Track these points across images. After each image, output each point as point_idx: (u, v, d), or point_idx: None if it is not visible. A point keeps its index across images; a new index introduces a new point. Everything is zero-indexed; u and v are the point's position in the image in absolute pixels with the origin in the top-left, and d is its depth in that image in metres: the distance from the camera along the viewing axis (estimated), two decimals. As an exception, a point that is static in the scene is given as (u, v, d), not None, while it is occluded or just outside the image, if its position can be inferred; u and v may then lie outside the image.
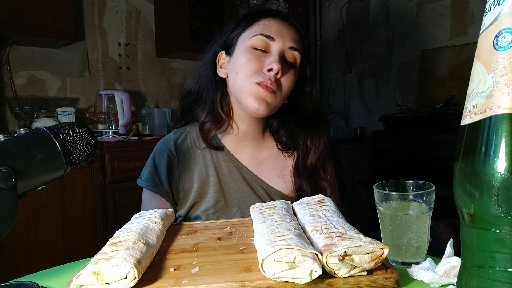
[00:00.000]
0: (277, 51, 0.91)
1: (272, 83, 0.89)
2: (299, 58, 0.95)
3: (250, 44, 0.92)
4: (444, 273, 0.56)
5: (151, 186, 0.97)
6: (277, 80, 0.90)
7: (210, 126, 0.98)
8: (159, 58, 2.97)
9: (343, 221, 0.62)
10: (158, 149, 1.02)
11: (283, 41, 0.92)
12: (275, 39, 0.92)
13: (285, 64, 0.92)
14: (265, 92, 0.89)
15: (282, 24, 0.95)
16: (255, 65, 0.90)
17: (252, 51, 0.92)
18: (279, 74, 0.90)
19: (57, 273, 0.68)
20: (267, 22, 0.94)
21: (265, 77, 0.89)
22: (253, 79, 0.90)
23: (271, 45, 0.92)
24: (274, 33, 0.92)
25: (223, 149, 0.99)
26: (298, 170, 0.99)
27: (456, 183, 0.41)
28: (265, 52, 0.92)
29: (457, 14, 3.02)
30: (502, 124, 0.37)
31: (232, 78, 0.94)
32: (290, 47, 0.93)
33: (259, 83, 0.89)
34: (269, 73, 0.89)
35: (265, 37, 0.92)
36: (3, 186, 0.51)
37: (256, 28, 0.94)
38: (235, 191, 0.97)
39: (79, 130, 0.62)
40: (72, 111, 2.37)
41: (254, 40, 0.92)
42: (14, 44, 2.36)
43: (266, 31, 0.92)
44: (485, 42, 0.39)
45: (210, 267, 0.57)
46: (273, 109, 0.94)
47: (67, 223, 2.06)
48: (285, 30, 0.94)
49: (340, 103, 3.85)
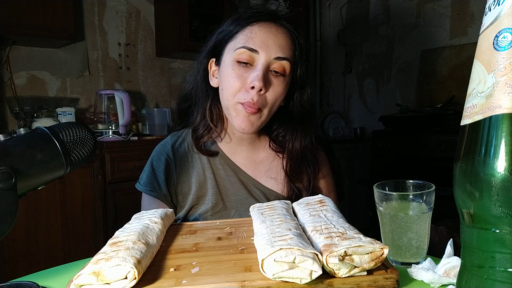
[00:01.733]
0: (261, 64, 0.87)
1: (255, 103, 0.86)
2: (288, 66, 0.90)
3: (234, 57, 0.88)
4: (444, 273, 0.56)
5: (149, 190, 0.97)
6: (262, 96, 0.87)
7: (202, 133, 0.98)
8: (159, 58, 2.97)
9: (343, 221, 0.63)
10: (156, 153, 1.01)
11: (267, 52, 0.87)
12: (259, 51, 0.87)
13: (273, 75, 0.89)
14: (248, 113, 0.87)
15: (268, 31, 0.89)
16: (238, 83, 0.87)
17: (235, 66, 0.88)
18: (263, 91, 0.87)
19: (57, 273, 0.68)
20: (251, 30, 0.89)
21: (247, 97, 0.86)
22: (237, 99, 0.88)
23: (255, 58, 0.87)
24: (257, 45, 0.87)
25: (217, 154, 0.99)
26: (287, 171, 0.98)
27: (456, 183, 0.41)
28: (250, 65, 0.88)
29: (457, 14, 3.02)
30: (502, 124, 0.37)
31: (221, 94, 0.93)
32: (276, 57, 0.88)
33: (242, 103, 0.87)
34: (252, 91, 0.86)
35: (248, 50, 0.87)
36: (3, 186, 0.51)
37: (241, 38, 0.89)
38: (233, 193, 0.97)
39: (79, 130, 0.62)
40: (72, 111, 2.37)
41: (238, 53, 0.88)
42: (14, 44, 2.36)
43: (250, 43, 0.87)
44: (485, 42, 0.39)
45: (210, 267, 0.57)
46: (260, 126, 0.92)
47: (67, 223, 2.06)
48: (270, 39, 0.88)
49: (340, 103, 3.85)
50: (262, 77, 0.86)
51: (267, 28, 0.89)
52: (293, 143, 0.98)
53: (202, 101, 0.98)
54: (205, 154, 0.98)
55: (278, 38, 0.89)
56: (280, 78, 0.90)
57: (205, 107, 0.97)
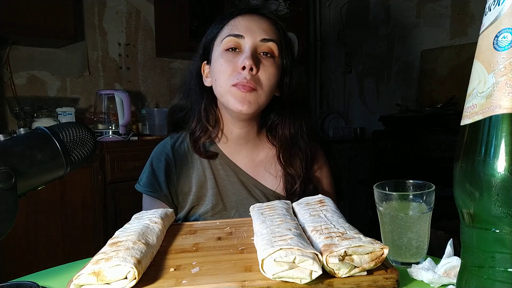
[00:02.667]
0: (249, 47, 0.90)
1: (249, 81, 0.88)
2: (275, 48, 0.92)
3: (222, 47, 0.92)
4: (444, 273, 0.56)
5: (150, 191, 0.97)
6: (254, 76, 0.89)
7: (199, 135, 0.98)
8: (159, 58, 2.97)
9: (343, 221, 0.63)
10: (155, 154, 1.01)
11: (252, 35, 0.90)
12: (244, 36, 0.90)
13: (262, 57, 0.91)
14: (244, 92, 0.88)
15: (250, 19, 0.93)
16: (229, 67, 0.89)
17: (224, 54, 0.91)
18: (254, 70, 0.88)
19: (57, 273, 0.68)
20: (235, 22, 0.93)
21: (239, 77, 0.88)
22: (230, 82, 0.89)
23: (242, 43, 0.90)
24: (242, 30, 0.91)
25: (217, 156, 0.99)
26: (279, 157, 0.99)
27: (456, 183, 0.41)
28: (238, 51, 0.91)
29: (457, 14, 3.02)
30: (502, 124, 0.37)
31: (214, 85, 0.94)
32: (262, 40, 0.91)
33: (235, 84, 0.88)
34: (244, 71, 0.88)
35: (234, 36, 0.90)
36: (3, 186, 0.51)
37: (226, 31, 0.93)
38: (233, 194, 0.97)
39: (79, 130, 0.62)
40: (72, 111, 2.37)
41: (225, 42, 0.91)
42: (14, 44, 2.36)
43: (234, 30, 0.91)
44: (485, 42, 0.39)
45: (210, 267, 0.57)
46: (260, 106, 0.92)
47: (67, 223, 2.06)
48: (254, 24, 0.92)
49: (340, 103, 3.85)
50: (251, 56, 0.88)
51: (250, 17, 0.94)
52: (283, 129, 0.99)
53: (197, 104, 0.99)
54: (204, 157, 0.98)
55: (261, 23, 0.93)
56: (270, 59, 0.92)
57: (200, 108, 0.99)
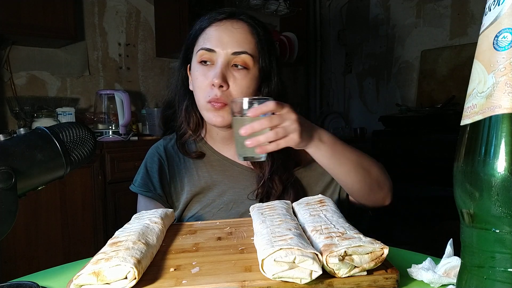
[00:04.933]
0: (220, 62, 0.89)
1: (220, 98, 0.88)
2: (249, 59, 0.91)
3: (197, 59, 0.93)
4: (444, 273, 0.56)
5: (144, 191, 0.99)
6: (225, 92, 0.89)
7: (185, 135, 1.00)
8: (159, 58, 2.97)
9: (343, 221, 0.63)
10: (149, 155, 1.04)
11: (224, 49, 0.90)
12: (215, 50, 0.90)
13: (235, 70, 0.90)
14: (217, 108, 0.90)
15: (223, 29, 0.92)
16: (203, 82, 0.91)
17: (199, 67, 0.92)
18: (224, 87, 0.89)
19: (57, 273, 0.68)
20: (209, 32, 0.92)
21: (211, 93, 0.89)
22: (205, 98, 0.91)
23: (214, 56, 0.90)
24: (213, 44, 0.90)
25: (204, 156, 1.00)
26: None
27: (456, 183, 0.41)
28: (211, 64, 0.91)
29: (457, 14, 3.02)
30: (502, 124, 0.37)
31: (195, 95, 0.96)
32: (233, 53, 0.90)
33: (209, 101, 0.90)
34: (214, 88, 0.89)
35: (206, 50, 0.91)
36: (3, 186, 0.51)
37: (200, 41, 0.93)
38: (229, 187, 0.98)
39: (79, 130, 0.62)
40: (72, 111, 2.37)
41: (199, 55, 0.92)
42: (14, 44, 2.36)
43: (207, 44, 0.91)
44: (485, 42, 0.39)
45: (210, 267, 0.57)
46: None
47: (67, 223, 2.06)
48: (226, 36, 0.91)
49: (340, 103, 3.85)
50: (220, 74, 0.88)
51: (223, 27, 0.92)
52: None
53: (180, 104, 1.01)
54: (190, 157, 1.00)
55: (234, 34, 0.91)
56: (243, 71, 0.91)
57: (181, 109, 1.00)
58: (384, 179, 0.91)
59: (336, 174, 0.88)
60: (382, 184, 0.90)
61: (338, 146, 0.84)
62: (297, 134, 0.76)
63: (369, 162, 0.89)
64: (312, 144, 0.81)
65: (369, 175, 0.88)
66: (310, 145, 0.81)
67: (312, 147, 0.82)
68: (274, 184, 0.94)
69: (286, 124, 0.76)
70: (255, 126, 0.75)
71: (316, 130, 0.82)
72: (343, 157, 0.84)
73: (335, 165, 0.85)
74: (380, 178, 0.90)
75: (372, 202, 0.93)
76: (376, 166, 0.90)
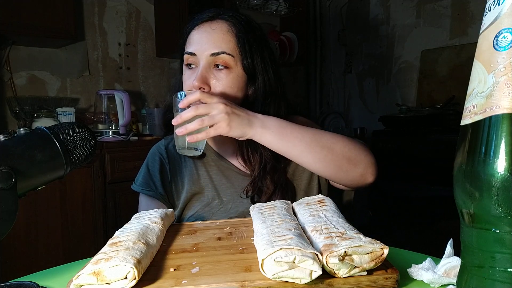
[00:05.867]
0: (201, 65, 0.90)
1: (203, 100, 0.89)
2: (229, 58, 0.90)
3: (184, 62, 0.94)
4: (444, 273, 0.56)
5: (146, 190, 0.99)
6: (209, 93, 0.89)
7: None
8: (159, 58, 2.97)
9: (343, 221, 0.63)
10: (150, 155, 1.05)
11: (202, 52, 0.90)
12: (195, 53, 0.91)
13: (216, 70, 0.91)
14: None
15: (202, 32, 0.92)
16: (188, 85, 0.92)
17: (185, 70, 0.94)
18: (206, 89, 0.89)
19: (57, 273, 0.68)
20: (191, 36, 0.94)
21: None
22: None
23: (196, 60, 0.91)
24: (193, 47, 0.91)
25: (204, 156, 1.00)
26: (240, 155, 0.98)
27: (456, 183, 0.41)
28: (194, 67, 0.92)
29: (457, 14, 3.02)
30: (502, 124, 0.37)
31: None
32: (212, 54, 0.90)
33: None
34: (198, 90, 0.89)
35: (188, 54, 0.92)
36: (3, 186, 0.51)
37: (186, 45, 0.94)
38: (228, 187, 0.98)
39: (79, 130, 0.62)
40: (72, 111, 2.37)
41: (185, 59, 0.94)
42: (14, 44, 2.35)
43: (189, 47, 0.92)
44: (485, 42, 0.39)
45: (210, 267, 0.57)
46: None
47: (67, 223, 2.06)
48: (204, 38, 0.91)
49: (340, 103, 3.85)
50: (200, 76, 0.89)
51: (202, 29, 0.93)
52: None
53: None
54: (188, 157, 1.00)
55: (212, 35, 0.91)
56: (224, 71, 0.91)
57: None
58: (357, 155, 0.87)
59: (291, 157, 0.87)
60: (354, 160, 0.87)
61: (286, 129, 0.84)
62: (224, 123, 0.79)
63: (331, 139, 0.86)
64: (254, 131, 0.82)
65: (332, 152, 0.85)
66: (252, 132, 0.83)
67: (256, 134, 0.83)
68: (265, 183, 0.95)
69: (214, 113, 0.79)
70: (183, 115, 0.79)
71: (258, 118, 0.83)
72: (294, 139, 0.84)
73: (286, 148, 0.85)
74: (351, 154, 0.86)
75: (349, 182, 0.90)
76: (343, 143, 0.87)
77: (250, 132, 0.83)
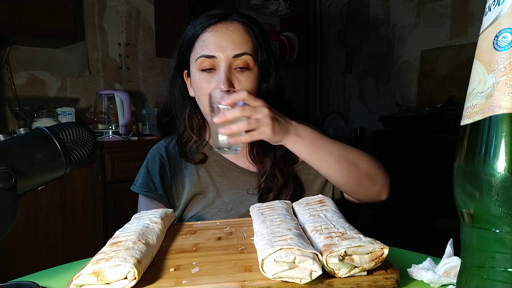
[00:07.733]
0: (223, 67, 0.89)
1: None
2: (250, 59, 0.90)
3: (197, 67, 0.91)
4: (444, 273, 0.56)
5: (146, 191, 0.99)
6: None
7: (186, 140, 1.00)
8: (159, 58, 2.97)
9: (343, 221, 0.63)
10: (150, 155, 1.04)
11: (224, 54, 0.89)
12: (216, 55, 0.89)
13: (238, 72, 0.90)
14: None
15: (219, 33, 0.90)
16: (208, 89, 0.89)
17: (200, 74, 0.91)
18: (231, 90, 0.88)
19: (57, 273, 0.68)
20: (205, 37, 0.91)
21: None
22: None
23: (215, 62, 0.89)
24: (213, 50, 0.89)
25: (206, 159, 1.00)
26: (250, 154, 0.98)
27: (456, 183, 0.41)
28: (213, 70, 0.90)
29: (457, 14, 3.02)
30: (502, 124, 0.37)
31: (198, 102, 0.95)
32: (235, 56, 0.89)
33: None
34: None
35: (206, 57, 0.89)
36: (3, 186, 0.51)
37: (198, 48, 0.91)
38: (229, 188, 0.98)
39: (79, 130, 0.62)
40: (72, 111, 2.37)
41: (199, 63, 0.90)
42: (14, 44, 2.35)
43: (206, 50, 0.89)
44: (485, 42, 0.39)
45: (210, 267, 0.57)
46: None
47: (67, 223, 2.06)
48: (224, 40, 0.89)
49: (340, 103, 3.85)
50: (225, 79, 0.88)
51: (219, 30, 0.91)
52: None
53: (181, 112, 1.00)
54: (192, 162, 0.99)
55: (231, 36, 0.90)
56: (246, 72, 0.91)
57: (184, 116, 1.00)
58: (376, 173, 0.89)
59: (318, 168, 0.87)
60: (374, 178, 0.89)
61: (318, 140, 0.84)
62: (269, 128, 0.77)
63: (356, 156, 0.87)
64: (289, 139, 0.81)
65: (356, 169, 0.86)
66: (287, 140, 0.81)
67: (290, 142, 0.82)
68: (275, 178, 0.94)
69: (259, 117, 0.76)
70: (228, 114, 0.76)
71: (293, 126, 0.82)
72: (324, 151, 0.84)
73: (316, 159, 0.84)
74: (372, 172, 0.88)
75: (365, 197, 0.92)
76: (366, 160, 0.88)
77: (285, 139, 0.81)
